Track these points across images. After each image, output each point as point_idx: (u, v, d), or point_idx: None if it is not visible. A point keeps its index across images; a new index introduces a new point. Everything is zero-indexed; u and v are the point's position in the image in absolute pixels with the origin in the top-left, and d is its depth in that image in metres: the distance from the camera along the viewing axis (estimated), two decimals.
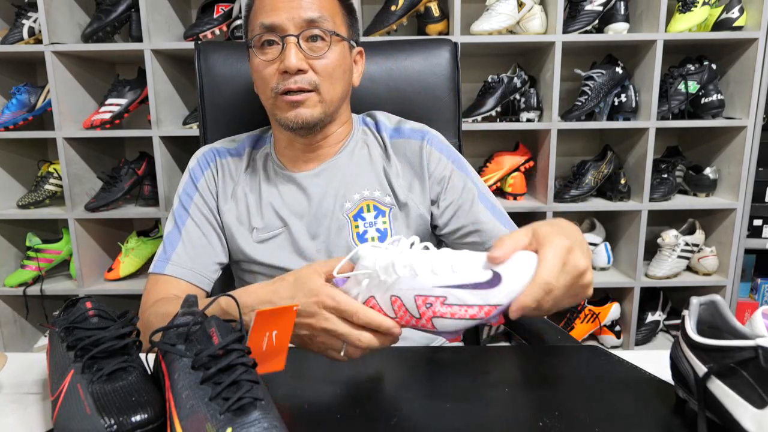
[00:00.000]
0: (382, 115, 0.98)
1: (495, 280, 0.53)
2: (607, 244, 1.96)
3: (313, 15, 0.81)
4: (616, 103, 1.84)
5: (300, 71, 0.81)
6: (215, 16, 1.76)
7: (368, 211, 0.90)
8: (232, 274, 1.00)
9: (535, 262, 0.54)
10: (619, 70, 1.81)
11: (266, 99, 0.87)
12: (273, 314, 0.54)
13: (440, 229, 0.94)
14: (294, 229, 0.90)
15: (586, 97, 1.81)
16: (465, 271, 0.54)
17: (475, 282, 0.53)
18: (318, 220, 0.90)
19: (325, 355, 0.61)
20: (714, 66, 1.83)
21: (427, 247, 0.58)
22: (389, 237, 0.89)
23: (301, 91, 0.82)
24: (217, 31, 1.77)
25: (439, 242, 0.99)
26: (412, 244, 0.58)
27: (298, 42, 0.81)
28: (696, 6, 1.74)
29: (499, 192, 1.97)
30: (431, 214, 0.93)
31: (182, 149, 1.90)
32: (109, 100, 1.80)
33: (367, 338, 0.57)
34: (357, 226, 0.89)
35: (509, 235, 0.56)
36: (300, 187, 0.92)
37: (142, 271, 1.97)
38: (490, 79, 1.85)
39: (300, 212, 0.90)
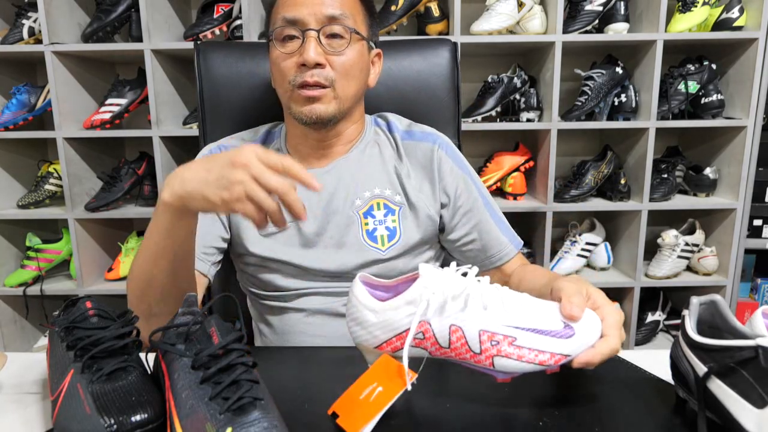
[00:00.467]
0: (393, 117, 1.00)
1: (568, 331, 0.54)
2: (607, 244, 1.96)
3: (334, 12, 0.83)
4: (616, 103, 1.84)
5: (318, 65, 0.82)
6: (215, 16, 1.76)
7: (378, 209, 0.91)
8: (234, 267, 1.00)
9: (599, 323, 0.56)
10: (619, 70, 1.81)
11: (283, 92, 0.87)
12: (392, 368, 0.54)
13: (446, 233, 0.95)
14: (302, 225, 0.90)
15: (586, 97, 1.81)
16: (541, 317, 0.55)
17: (550, 330, 0.54)
18: (327, 216, 0.90)
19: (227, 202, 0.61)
20: (714, 66, 1.83)
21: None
22: (398, 235, 0.90)
23: (317, 85, 0.83)
24: (217, 31, 1.77)
25: (441, 248, 0.99)
26: (479, 278, 0.57)
27: (318, 37, 0.82)
28: (696, 6, 1.74)
29: (499, 192, 1.97)
30: (440, 217, 0.94)
31: (182, 149, 1.90)
32: (109, 100, 1.80)
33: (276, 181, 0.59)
34: (366, 224, 0.90)
35: (575, 292, 0.59)
36: None
37: None
38: (490, 79, 1.85)
39: (310, 207, 0.90)
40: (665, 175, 1.88)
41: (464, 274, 0.56)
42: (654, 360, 0.66)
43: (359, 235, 0.90)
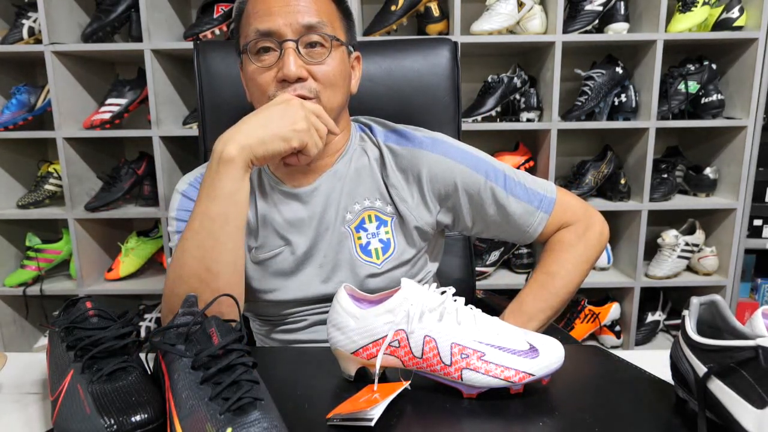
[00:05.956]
0: (373, 121, 0.94)
1: (533, 353, 0.57)
2: (608, 244, 1.95)
3: (311, 21, 0.78)
4: (616, 103, 1.84)
5: (299, 79, 0.78)
6: (215, 16, 1.76)
7: (370, 221, 0.87)
8: None
9: (562, 348, 0.59)
10: (619, 70, 1.81)
11: None
12: (389, 385, 0.58)
13: (468, 231, 0.92)
14: (295, 246, 0.86)
15: (586, 97, 1.81)
16: (507, 336, 0.59)
17: (517, 349, 0.57)
18: (319, 234, 0.86)
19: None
20: (714, 66, 1.83)
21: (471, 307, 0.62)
22: (392, 247, 0.87)
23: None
24: (217, 31, 1.77)
25: (467, 240, 0.96)
26: (455, 298, 0.61)
27: (297, 48, 0.77)
28: (696, 6, 1.74)
29: None
30: (437, 223, 0.90)
31: (182, 149, 1.90)
32: (109, 100, 1.80)
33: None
34: (359, 238, 0.86)
35: None
36: (299, 202, 0.87)
37: (142, 271, 1.97)
38: (490, 79, 1.85)
39: (301, 228, 0.86)
40: (665, 175, 1.88)
41: (442, 293, 0.61)
42: (654, 360, 0.66)
43: (353, 251, 0.86)
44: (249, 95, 0.86)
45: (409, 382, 0.59)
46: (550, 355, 0.58)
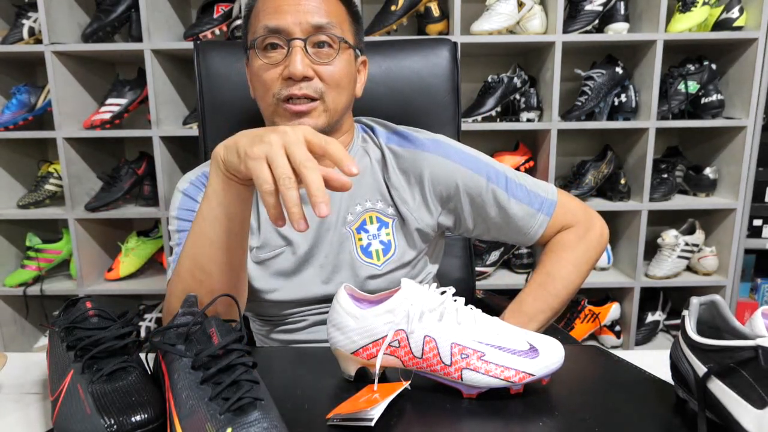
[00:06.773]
0: (375, 123, 0.94)
1: (533, 353, 0.57)
2: (607, 244, 1.96)
3: (321, 21, 0.78)
4: (616, 103, 1.84)
5: (305, 78, 0.78)
6: (215, 16, 1.76)
7: (371, 223, 0.87)
8: None
9: (562, 348, 0.59)
10: (619, 70, 1.81)
11: (266, 105, 0.82)
12: (389, 385, 0.58)
13: (469, 233, 0.92)
14: (296, 247, 0.86)
15: (586, 97, 1.81)
16: (507, 336, 0.59)
17: (517, 349, 0.58)
18: (320, 235, 0.87)
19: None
20: (714, 66, 1.83)
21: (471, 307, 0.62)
22: (393, 249, 0.87)
23: (306, 98, 0.78)
24: (217, 31, 1.77)
25: (467, 240, 0.96)
26: (456, 298, 0.61)
27: (304, 47, 0.77)
28: (696, 6, 1.74)
29: None
30: (438, 225, 0.90)
31: (182, 149, 1.90)
32: (109, 100, 1.80)
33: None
34: (360, 239, 0.87)
35: None
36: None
37: (142, 271, 1.97)
38: (490, 79, 1.85)
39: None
40: (665, 175, 1.88)
41: (442, 293, 0.61)
42: (654, 360, 0.66)
43: (353, 251, 0.86)
44: (253, 91, 0.86)
45: (409, 382, 0.59)
46: (550, 355, 0.58)
